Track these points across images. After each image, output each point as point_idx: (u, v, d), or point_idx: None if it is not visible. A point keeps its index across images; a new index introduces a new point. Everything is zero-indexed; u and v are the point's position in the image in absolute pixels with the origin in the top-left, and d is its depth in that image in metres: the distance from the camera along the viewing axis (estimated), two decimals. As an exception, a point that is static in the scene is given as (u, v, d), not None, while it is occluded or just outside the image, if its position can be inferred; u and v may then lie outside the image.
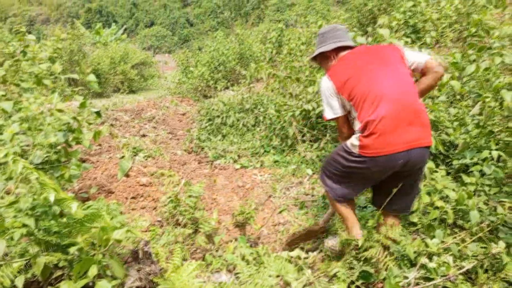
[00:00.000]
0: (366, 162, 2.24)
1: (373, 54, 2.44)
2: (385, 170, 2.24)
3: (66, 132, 3.02)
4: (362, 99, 2.26)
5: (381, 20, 3.78)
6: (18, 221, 1.88)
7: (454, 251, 2.39)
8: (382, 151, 2.17)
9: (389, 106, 2.18)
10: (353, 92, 2.31)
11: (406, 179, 2.33)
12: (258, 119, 6.61)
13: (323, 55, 2.63)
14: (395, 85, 2.25)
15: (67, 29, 14.79)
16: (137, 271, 2.12)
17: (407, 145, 2.16)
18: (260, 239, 3.24)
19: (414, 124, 2.18)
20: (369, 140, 2.19)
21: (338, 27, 2.64)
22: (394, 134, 2.16)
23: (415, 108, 2.22)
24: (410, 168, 2.25)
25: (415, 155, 2.19)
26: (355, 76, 2.34)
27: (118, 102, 10.36)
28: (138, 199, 3.93)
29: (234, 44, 12.37)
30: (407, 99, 2.22)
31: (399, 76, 2.29)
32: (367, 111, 2.22)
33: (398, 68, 2.33)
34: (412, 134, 2.17)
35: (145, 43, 46.37)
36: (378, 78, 2.28)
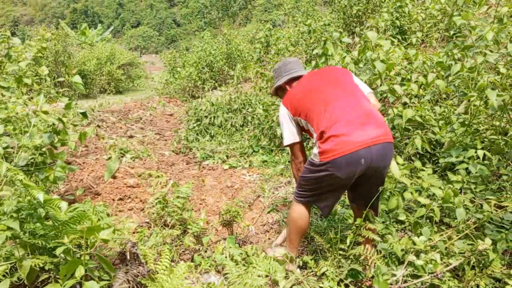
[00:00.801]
0: (329, 168, 2.24)
1: (322, 75, 2.61)
2: (350, 172, 2.23)
3: (52, 134, 2.97)
4: (315, 113, 2.38)
5: (370, 21, 3.80)
6: (2, 224, 1.85)
7: (441, 248, 2.42)
8: (341, 152, 2.18)
9: (340, 112, 2.28)
10: (306, 110, 2.45)
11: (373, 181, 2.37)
12: (247, 119, 6.61)
13: (280, 89, 2.86)
14: (344, 94, 2.39)
15: (52, 30, 14.55)
16: (125, 273, 2.10)
17: (366, 143, 2.18)
18: (249, 238, 3.23)
19: (368, 124, 2.25)
20: (326, 144, 2.24)
21: (288, 61, 2.85)
22: (350, 135, 2.20)
23: (365, 110, 2.32)
24: (376, 167, 2.26)
25: (376, 152, 2.21)
26: (306, 96, 2.49)
27: (104, 103, 10.25)
28: (125, 201, 3.89)
29: (222, 44, 12.35)
30: (356, 104, 2.34)
31: (347, 88, 2.45)
32: (321, 120, 2.32)
33: (346, 82, 2.51)
34: (369, 133, 2.22)
35: (132, 44, 46.05)
36: (329, 91, 2.42)
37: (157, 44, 49.79)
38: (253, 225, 3.51)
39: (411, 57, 3.69)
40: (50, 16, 63.16)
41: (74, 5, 63.62)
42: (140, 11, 64.16)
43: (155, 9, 63.09)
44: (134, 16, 63.33)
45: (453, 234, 2.58)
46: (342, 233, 2.81)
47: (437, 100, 4.13)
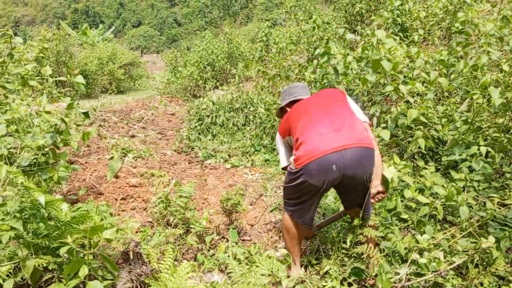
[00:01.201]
0: (303, 174, 2.25)
1: (316, 97, 2.67)
2: (323, 178, 2.20)
3: (54, 134, 2.98)
4: (296, 127, 2.44)
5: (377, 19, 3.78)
6: (5, 224, 1.85)
7: (445, 246, 2.41)
8: (311, 157, 2.19)
9: (317, 122, 2.34)
10: (290, 127, 2.54)
11: (358, 186, 2.34)
12: (248, 118, 6.61)
13: (282, 110, 2.96)
14: (329, 113, 2.41)
15: (53, 30, 14.58)
16: (128, 272, 2.10)
17: (336, 148, 2.16)
18: (251, 236, 3.23)
19: (342, 130, 2.25)
20: (299, 151, 2.28)
21: (295, 85, 2.95)
22: (320, 141, 2.21)
23: (343, 120, 2.33)
24: (352, 175, 2.22)
25: (349, 157, 2.16)
26: (295, 117, 2.54)
27: (106, 102, 10.26)
28: (128, 200, 3.90)
29: (223, 43, 12.35)
30: (335, 112, 2.40)
31: (335, 109, 2.46)
32: (300, 130, 2.38)
33: (337, 101, 2.55)
34: (341, 138, 2.20)
35: (133, 43, 46.08)
36: (314, 112, 2.46)
37: (158, 43, 49.81)
38: (256, 224, 3.51)
39: (413, 55, 3.68)
40: (51, 16, 63.25)
41: (75, 6, 63.68)
42: (141, 10, 64.20)
43: (156, 9, 63.12)
44: (135, 16, 63.37)
45: (456, 232, 2.57)
46: (345, 232, 2.80)
47: (440, 98, 4.12)
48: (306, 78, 4.56)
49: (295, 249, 2.56)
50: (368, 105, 4.23)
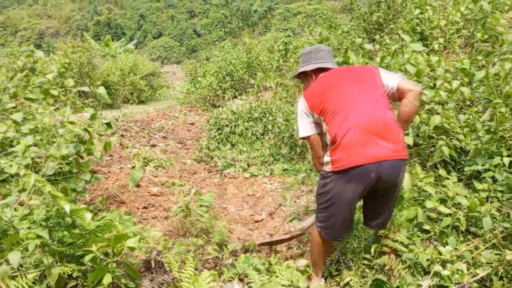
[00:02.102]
0: (340, 178, 2.23)
1: (348, 74, 2.50)
2: (359, 184, 2.20)
3: (78, 144, 3.06)
4: (332, 113, 2.30)
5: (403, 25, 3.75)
6: (32, 233, 1.91)
7: (468, 258, 2.37)
8: (351, 162, 2.16)
9: (358, 119, 2.21)
10: (324, 108, 2.35)
11: (386, 196, 2.35)
12: (267, 128, 6.63)
13: (305, 74, 2.72)
14: (366, 101, 2.28)
15: (77, 42, 14.98)
16: (150, 280, 2.13)
17: (377, 157, 2.14)
18: (271, 247, 3.23)
19: (385, 138, 2.18)
20: (337, 153, 2.22)
21: (321, 48, 2.70)
22: (362, 146, 2.16)
23: (385, 123, 2.22)
24: (386, 183, 2.22)
25: (387, 168, 2.16)
26: (328, 93, 2.39)
27: (128, 113, 10.45)
28: (149, 209, 3.95)
29: (242, 53, 12.45)
30: (377, 114, 2.24)
31: (371, 94, 2.32)
32: (336, 123, 2.26)
33: (371, 87, 2.37)
34: (383, 147, 2.16)
35: (154, 54, 46.86)
36: (350, 95, 2.33)
37: (178, 54, 50.54)
38: (275, 234, 3.51)
39: (433, 64, 3.65)
40: (74, 28, 64.96)
41: (98, 18, 65.27)
42: (161, 22, 65.34)
43: (176, 20, 64.15)
44: (156, 27, 64.52)
45: (480, 244, 2.52)
46: (366, 242, 2.78)
47: (461, 107, 4.07)
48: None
49: (320, 263, 2.54)
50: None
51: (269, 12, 42.45)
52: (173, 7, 69.31)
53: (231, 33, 34.51)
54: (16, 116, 3.02)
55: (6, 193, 2.48)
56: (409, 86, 2.31)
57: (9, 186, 2.70)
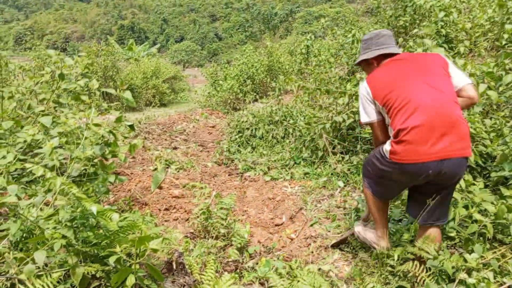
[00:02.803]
0: (396, 168, 2.27)
1: (415, 63, 2.41)
2: (415, 177, 2.25)
3: (103, 146, 3.11)
4: (396, 106, 2.25)
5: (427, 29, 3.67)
6: (57, 233, 1.95)
7: (495, 266, 2.31)
8: (411, 159, 2.17)
9: (422, 116, 2.16)
10: (388, 99, 2.30)
11: (442, 190, 2.32)
12: (288, 131, 6.61)
13: (366, 62, 2.66)
14: (433, 95, 2.21)
15: (101, 46, 15.30)
16: (172, 282, 2.15)
17: (438, 155, 2.13)
18: (292, 251, 3.22)
19: (450, 134, 2.14)
20: (399, 147, 2.20)
21: (382, 33, 2.62)
22: (424, 144, 2.14)
23: (452, 119, 2.16)
24: (445, 179, 2.23)
25: (448, 166, 2.15)
26: (393, 83, 2.33)
27: (150, 115, 10.60)
28: (171, 211, 3.99)
29: (263, 56, 12.48)
30: (444, 109, 2.17)
31: (438, 86, 2.25)
32: (400, 119, 2.22)
33: (439, 78, 2.29)
34: (446, 145, 2.13)
35: (175, 58, 47.43)
36: (415, 87, 2.26)
37: (199, 57, 51.01)
38: (296, 238, 3.49)
39: (459, 67, 3.57)
40: (99, 32, 66.37)
41: (122, 22, 66.55)
42: (183, 26, 66.16)
43: (198, 24, 64.83)
44: (178, 31, 65.35)
45: (507, 252, 2.46)
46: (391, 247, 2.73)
47: (487, 112, 3.97)
48: (347, 92, 4.52)
49: (380, 222, 2.60)
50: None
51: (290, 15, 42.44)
52: (195, 11, 70.07)
53: (252, 36, 34.67)
54: (44, 119, 3.10)
55: (32, 193, 2.54)
56: (472, 93, 2.32)
57: (35, 187, 2.76)
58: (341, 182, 4.60)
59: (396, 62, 2.46)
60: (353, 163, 4.83)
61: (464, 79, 2.35)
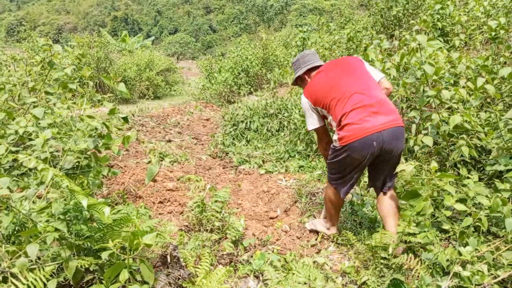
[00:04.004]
0: (347, 150, 2.63)
1: (338, 66, 2.93)
2: (365, 153, 2.59)
3: (96, 138, 3.07)
4: (333, 103, 2.72)
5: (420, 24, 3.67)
6: (50, 226, 1.92)
7: (489, 259, 2.31)
8: (355, 136, 2.55)
9: (356, 101, 2.62)
10: (326, 100, 2.78)
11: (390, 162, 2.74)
12: (282, 124, 6.60)
13: (300, 79, 3.20)
14: (359, 85, 2.70)
15: (94, 37, 15.14)
16: (166, 275, 2.13)
17: (377, 128, 2.53)
18: (286, 244, 3.21)
19: (380, 111, 2.58)
20: (343, 131, 2.62)
21: (306, 53, 3.18)
22: (362, 122, 2.55)
23: (379, 99, 2.63)
24: (389, 150, 2.61)
25: (386, 135, 2.54)
26: (325, 87, 2.81)
27: (144, 108, 10.52)
28: (165, 204, 3.97)
29: (258, 49, 12.41)
30: (371, 93, 2.65)
31: (361, 78, 2.77)
32: (338, 108, 2.67)
33: (360, 72, 2.82)
34: (380, 119, 2.55)
35: (169, 50, 47.04)
36: (344, 83, 2.74)
37: (193, 50, 50.63)
38: (291, 229, 3.49)
39: (454, 61, 3.57)
40: (92, 24, 65.62)
41: (115, 13, 65.82)
42: (177, 18, 65.61)
43: (192, 16, 64.34)
44: (172, 23, 64.81)
45: (501, 245, 2.46)
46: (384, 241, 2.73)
47: (482, 105, 3.97)
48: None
49: (336, 216, 3.12)
50: (407, 111, 4.13)
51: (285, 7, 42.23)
52: (190, 2, 69.51)
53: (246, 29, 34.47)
54: (36, 111, 3.05)
55: (24, 186, 2.51)
56: (388, 85, 2.89)
57: (28, 179, 2.73)
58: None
59: (322, 72, 2.95)
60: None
61: (379, 74, 2.91)
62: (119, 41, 28.69)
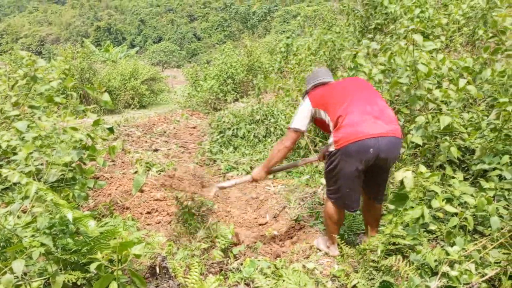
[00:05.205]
0: (343, 155, 2.57)
1: (348, 81, 3.05)
2: (360, 159, 2.53)
3: (81, 150, 3.04)
4: (334, 105, 2.71)
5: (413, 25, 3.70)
6: (36, 240, 1.89)
7: (476, 258, 2.34)
8: (352, 139, 2.50)
9: (356, 105, 2.61)
10: (327, 102, 2.79)
11: (384, 173, 2.77)
12: (269, 130, 6.61)
13: (309, 94, 3.12)
14: (362, 93, 2.74)
15: (77, 48, 15.01)
16: (156, 287, 2.11)
17: (375, 134, 2.49)
18: (276, 250, 3.21)
19: (380, 118, 2.56)
20: (339, 133, 2.58)
21: (318, 70, 3.22)
22: (360, 125, 2.52)
23: (380, 107, 2.64)
24: (383, 159, 2.56)
25: (384, 144, 2.50)
26: (329, 92, 2.86)
27: (129, 118, 10.44)
28: (153, 214, 3.93)
29: (243, 56, 12.44)
30: (372, 100, 2.68)
31: (369, 91, 2.81)
32: (338, 109, 2.65)
33: (368, 87, 2.87)
34: (379, 126, 2.52)
35: (154, 59, 46.86)
36: (348, 91, 2.77)
37: (178, 58, 50.50)
38: (280, 235, 3.49)
39: (437, 62, 3.61)
40: (74, 34, 65.04)
41: (98, 23, 65.39)
42: (161, 26, 65.46)
43: (176, 24, 64.28)
44: (156, 32, 64.63)
45: (487, 243, 2.50)
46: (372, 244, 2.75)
47: (465, 106, 4.04)
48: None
49: (335, 233, 2.91)
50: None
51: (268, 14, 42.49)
52: (173, 11, 69.49)
53: (231, 36, 34.57)
54: (19, 124, 3.01)
55: (9, 201, 2.46)
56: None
57: (12, 194, 2.68)
58: (323, 179, 4.61)
59: (329, 85, 3.01)
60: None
61: None
62: (103, 51, 28.53)
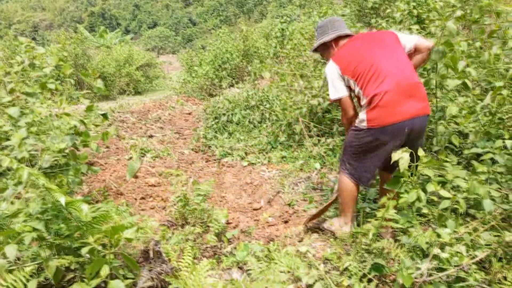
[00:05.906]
0: (375, 134, 2.52)
1: (372, 39, 2.76)
2: (394, 139, 2.51)
3: (74, 136, 3.03)
4: (366, 76, 2.55)
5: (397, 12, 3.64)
6: (28, 226, 1.89)
7: (467, 240, 2.36)
8: (388, 121, 2.46)
9: (391, 81, 2.48)
10: (357, 71, 2.59)
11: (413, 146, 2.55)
12: (264, 116, 6.60)
13: (324, 46, 2.95)
14: (395, 63, 2.56)
15: (70, 34, 14.83)
16: (149, 270, 2.12)
17: (410, 114, 2.46)
18: (270, 234, 3.23)
19: (414, 97, 2.50)
20: (375, 112, 2.49)
21: (335, 19, 2.94)
22: (397, 105, 2.45)
23: (414, 83, 2.53)
24: (415, 136, 2.56)
25: (418, 123, 2.51)
26: (358, 57, 2.63)
27: (124, 104, 10.38)
28: (147, 200, 3.94)
29: (238, 41, 12.34)
30: (407, 75, 2.52)
31: (397, 56, 2.61)
32: (372, 86, 2.51)
33: (395, 49, 2.65)
34: (414, 105, 2.48)
35: (149, 44, 46.45)
36: (379, 58, 2.57)
37: (174, 44, 50.07)
38: (273, 218, 3.51)
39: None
40: (68, 20, 64.21)
41: (92, 9, 64.57)
42: (156, 11, 64.73)
43: (171, 9, 63.59)
44: (151, 17, 63.92)
45: (478, 226, 2.52)
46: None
47: (459, 90, 4.03)
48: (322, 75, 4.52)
49: (351, 210, 2.83)
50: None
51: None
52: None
53: (226, 21, 34.24)
54: (12, 110, 2.99)
55: (2, 187, 2.46)
56: (427, 43, 2.72)
57: (6, 180, 2.68)
58: (318, 164, 4.63)
59: (355, 41, 2.78)
60: (329, 145, 4.86)
61: (414, 38, 2.75)
62: (97, 37, 28.22)
